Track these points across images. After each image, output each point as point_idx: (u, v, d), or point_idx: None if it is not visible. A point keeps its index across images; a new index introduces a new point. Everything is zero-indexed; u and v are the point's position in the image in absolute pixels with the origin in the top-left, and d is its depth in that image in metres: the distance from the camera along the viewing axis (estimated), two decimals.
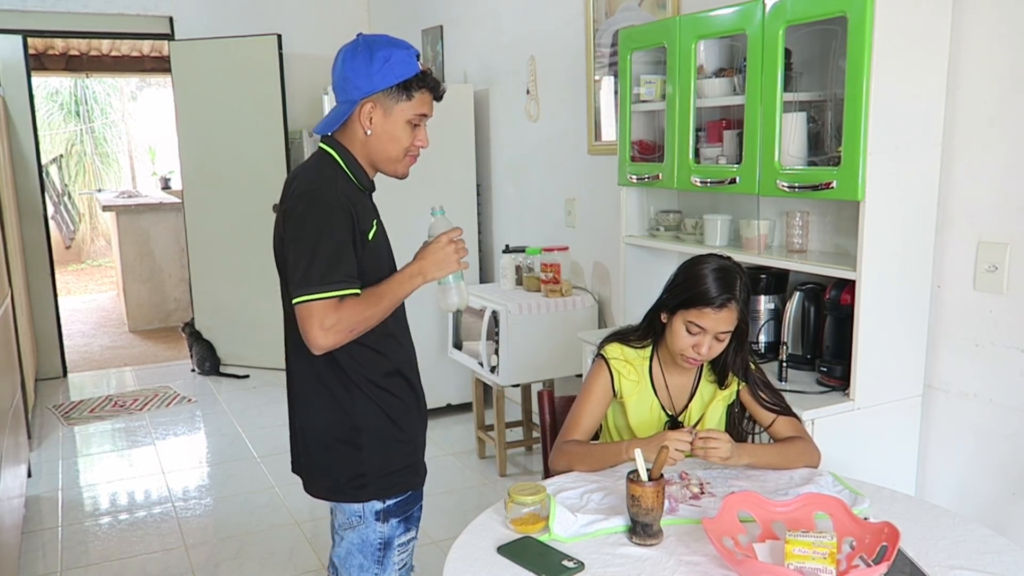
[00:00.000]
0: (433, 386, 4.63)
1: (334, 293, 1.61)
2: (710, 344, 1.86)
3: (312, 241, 1.63)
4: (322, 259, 1.62)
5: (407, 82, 1.72)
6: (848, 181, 2.17)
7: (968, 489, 2.35)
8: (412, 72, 1.73)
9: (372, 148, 1.77)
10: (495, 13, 4.52)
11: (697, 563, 1.48)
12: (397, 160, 1.80)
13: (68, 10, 5.36)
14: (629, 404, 1.99)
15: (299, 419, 1.85)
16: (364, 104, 1.73)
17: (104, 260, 11.23)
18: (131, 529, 3.47)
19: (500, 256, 4.24)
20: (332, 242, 1.64)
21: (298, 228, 1.66)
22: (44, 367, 5.71)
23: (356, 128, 1.76)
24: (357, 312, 1.62)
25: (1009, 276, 2.18)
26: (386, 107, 1.73)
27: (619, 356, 2.00)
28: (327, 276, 1.61)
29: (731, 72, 2.68)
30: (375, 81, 1.70)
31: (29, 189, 5.55)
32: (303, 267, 1.62)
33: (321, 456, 1.81)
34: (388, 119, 1.74)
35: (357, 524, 1.81)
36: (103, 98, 12.47)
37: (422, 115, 1.77)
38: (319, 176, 1.73)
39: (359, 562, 1.83)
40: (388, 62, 1.70)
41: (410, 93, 1.74)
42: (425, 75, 1.76)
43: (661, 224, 3.07)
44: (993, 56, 2.17)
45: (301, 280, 1.61)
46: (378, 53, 1.71)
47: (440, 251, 1.73)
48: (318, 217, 1.65)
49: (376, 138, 1.75)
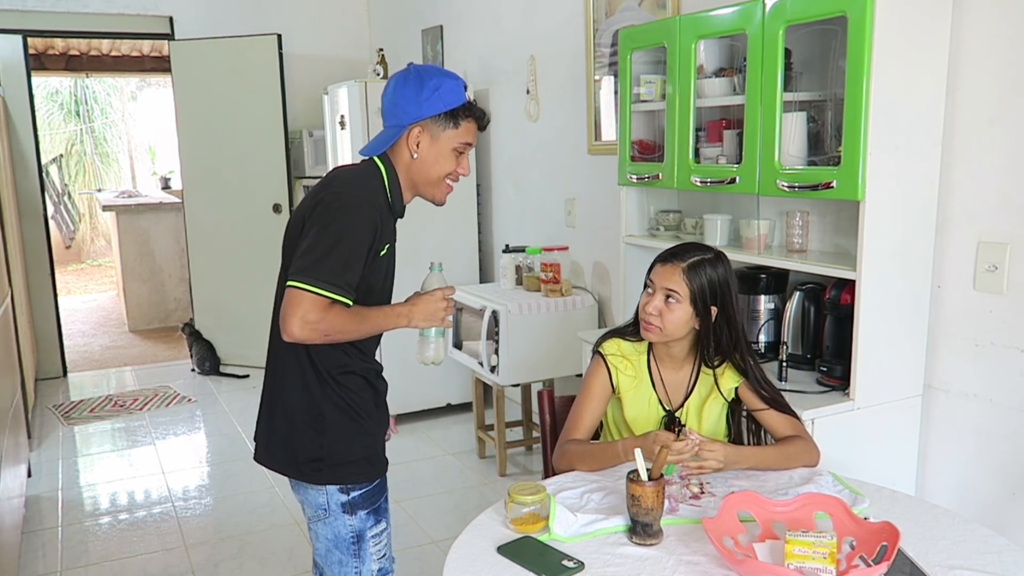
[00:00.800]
0: (433, 386, 4.66)
1: (329, 294, 1.65)
2: (659, 304, 1.91)
3: (333, 238, 1.68)
4: (335, 259, 1.67)
5: (455, 111, 1.81)
6: (848, 181, 2.17)
7: (968, 489, 2.35)
8: (460, 101, 1.81)
9: (416, 171, 1.84)
10: (495, 13, 4.52)
11: (697, 563, 1.48)
12: (436, 184, 1.87)
13: (68, 10, 5.36)
14: (626, 399, 2.00)
15: (271, 393, 1.90)
16: (412, 128, 1.81)
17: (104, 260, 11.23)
18: (131, 529, 3.47)
19: (500, 256, 4.24)
20: (349, 248, 1.69)
21: (326, 220, 1.70)
22: (44, 367, 5.71)
23: (403, 151, 1.83)
24: (339, 322, 1.68)
25: (1009, 276, 2.18)
26: (433, 133, 1.81)
27: (616, 352, 2.01)
28: (331, 276, 1.65)
29: (731, 72, 2.68)
30: (424, 108, 1.79)
31: (29, 189, 5.55)
32: (314, 257, 1.66)
33: (286, 431, 1.86)
34: (434, 145, 1.82)
35: (324, 516, 1.86)
36: (103, 98, 12.48)
37: (467, 144, 1.85)
38: (366, 185, 1.79)
39: (338, 558, 1.87)
40: (438, 91, 1.79)
41: (457, 121, 1.82)
42: (472, 105, 1.84)
43: (661, 224, 3.07)
44: (993, 56, 2.17)
45: (307, 268, 1.65)
46: (429, 82, 1.79)
47: (432, 303, 1.82)
48: (350, 219, 1.70)
49: (421, 161, 1.83)
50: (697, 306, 1.90)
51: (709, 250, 1.96)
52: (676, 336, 1.94)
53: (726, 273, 1.93)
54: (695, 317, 1.91)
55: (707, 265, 1.91)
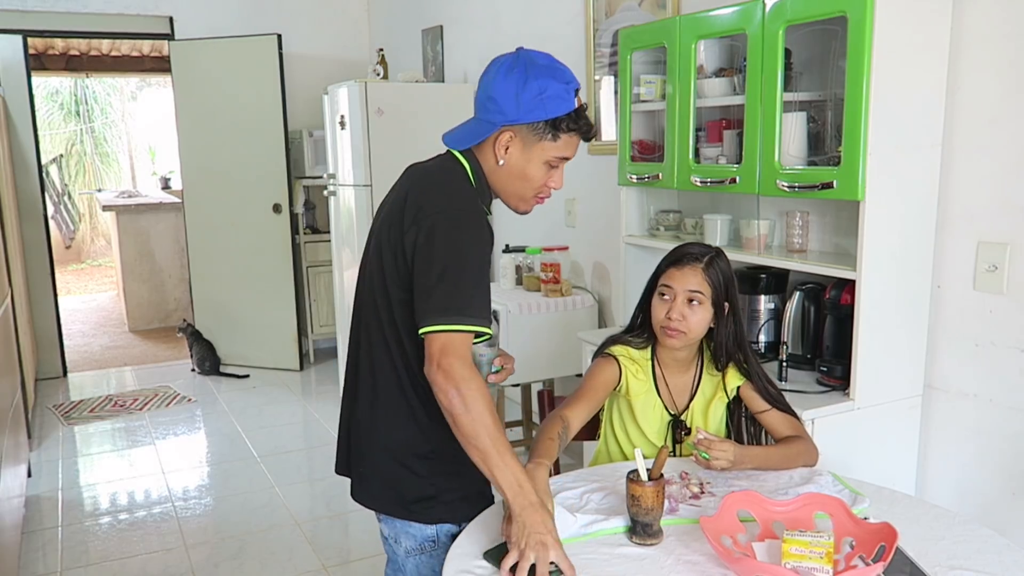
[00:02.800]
0: None
1: (472, 327, 1.47)
2: (683, 308, 1.89)
3: (458, 265, 1.48)
4: (465, 286, 1.48)
5: (557, 120, 1.56)
6: (848, 181, 2.17)
7: (968, 489, 2.35)
8: (565, 110, 1.57)
9: (500, 179, 1.63)
10: (495, 13, 4.52)
11: (696, 562, 1.48)
12: (523, 199, 1.67)
13: (68, 10, 5.36)
14: (636, 404, 1.99)
15: (368, 423, 1.70)
16: (504, 131, 1.58)
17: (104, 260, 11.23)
18: (131, 529, 3.47)
19: (500, 256, 4.23)
20: (476, 270, 1.51)
21: (443, 245, 1.50)
22: (44, 367, 5.71)
23: (488, 153, 1.61)
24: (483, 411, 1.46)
25: (1009, 276, 2.18)
26: (526, 141, 1.58)
27: (627, 355, 2.01)
28: (470, 308, 1.47)
29: (731, 72, 2.68)
30: (523, 112, 1.55)
31: (29, 189, 5.55)
32: (445, 292, 1.46)
33: (390, 469, 1.67)
34: (525, 155, 1.59)
35: (431, 549, 1.70)
36: (103, 98, 12.48)
37: (564, 158, 1.62)
38: (461, 191, 1.59)
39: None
40: (542, 95, 1.54)
41: (557, 133, 1.58)
42: (579, 115, 1.59)
43: (661, 224, 3.07)
44: (993, 56, 2.17)
45: (444, 308, 1.46)
46: (533, 82, 1.54)
47: (536, 535, 1.42)
48: (469, 238, 1.52)
49: (507, 171, 1.61)
50: (717, 304, 1.91)
51: (709, 247, 1.97)
52: (698, 337, 1.94)
53: (730, 267, 1.95)
54: (713, 316, 1.92)
55: (718, 261, 1.93)
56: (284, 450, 4.34)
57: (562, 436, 1.84)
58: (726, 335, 1.94)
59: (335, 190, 4.71)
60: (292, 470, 4.08)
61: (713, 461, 1.74)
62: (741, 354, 1.95)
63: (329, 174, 4.76)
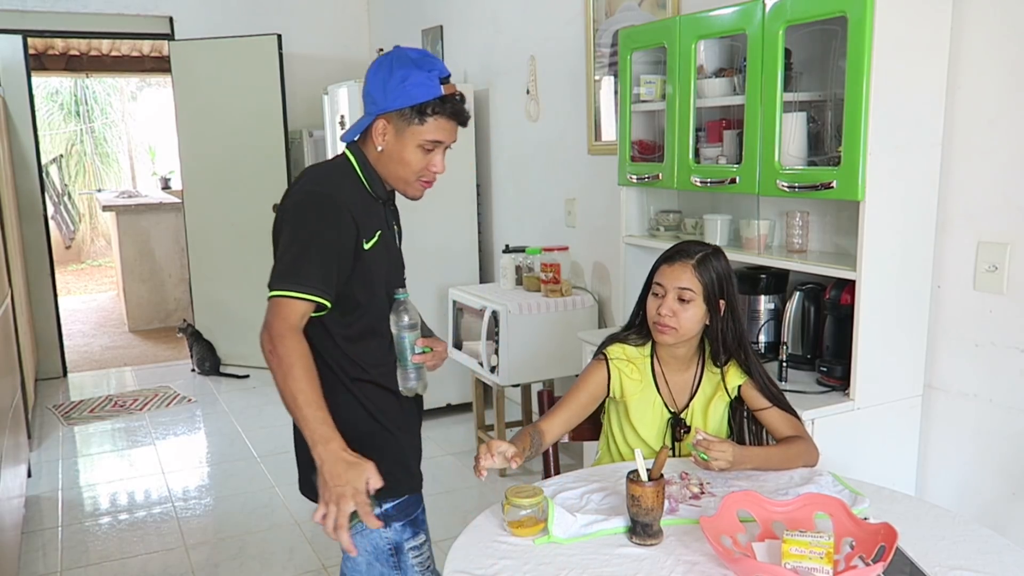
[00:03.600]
0: (433, 386, 4.61)
1: (306, 295, 1.60)
2: (673, 305, 1.90)
3: (304, 239, 1.62)
4: (308, 259, 1.61)
5: (422, 106, 1.68)
6: (848, 181, 2.17)
7: (968, 489, 2.35)
8: (428, 96, 1.68)
9: (383, 165, 1.75)
10: (495, 13, 4.52)
11: (696, 562, 1.48)
12: (407, 183, 1.77)
13: (68, 10, 5.36)
14: (632, 403, 1.99)
15: None
16: (379, 120, 1.72)
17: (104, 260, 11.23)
18: (131, 529, 3.47)
19: (500, 256, 4.24)
20: (321, 247, 1.63)
21: (295, 221, 1.66)
22: (44, 367, 5.71)
23: (369, 142, 1.75)
24: (297, 363, 1.56)
25: (1009, 276, 2.18)
26: (398, 127, 1.71)
27: (621, 356, 2.01)
28: (306, 277, 1.60)
29: (731, 72, 2.68)
30: (388, 100, 1.69)
31: (29, 189, 5.55)
32: (287, 262, 1.62)
33: (306, 454, 1.71)
34: (399, 140, 1.72)
35: (362, 529, 1.76)
36: (103, 98, 12.48)
37: (436, 141, 1.72)
38: (334, 179, 1.73)
39: (379, 571, 1.81)
40: (404, 82, 1.67)
41: (423, 118, 1.69)
42: (444, 101, 1.70)
43: (661, 224, 3.07)
44: (993, 56, 2.17)
45: (282, 273, 1.61)
46: (398, 71, 1.68)
47: (338, 487, 1.54)
48: (317, 217, 1.64)
49: (387, 156, 1.73)
50: (710, 301, 1.91)
51: (707, 245, 1.98)
52: (690, 335, 1.94)
53: (728, 266, 1.96)
54: (707, 314, 1.93)
55: (712, 259, 1.93)
56: (284, 450, 4.33)
57: (533, 442, 1.85)
58: (724, 333, 1.95)
59: None
60: (292, 470, 4.03)
61: (712, 462, 1.74)
62: (742, 352, 1.96)
63: None
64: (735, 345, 1.96)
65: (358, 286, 1.70)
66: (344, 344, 1.74)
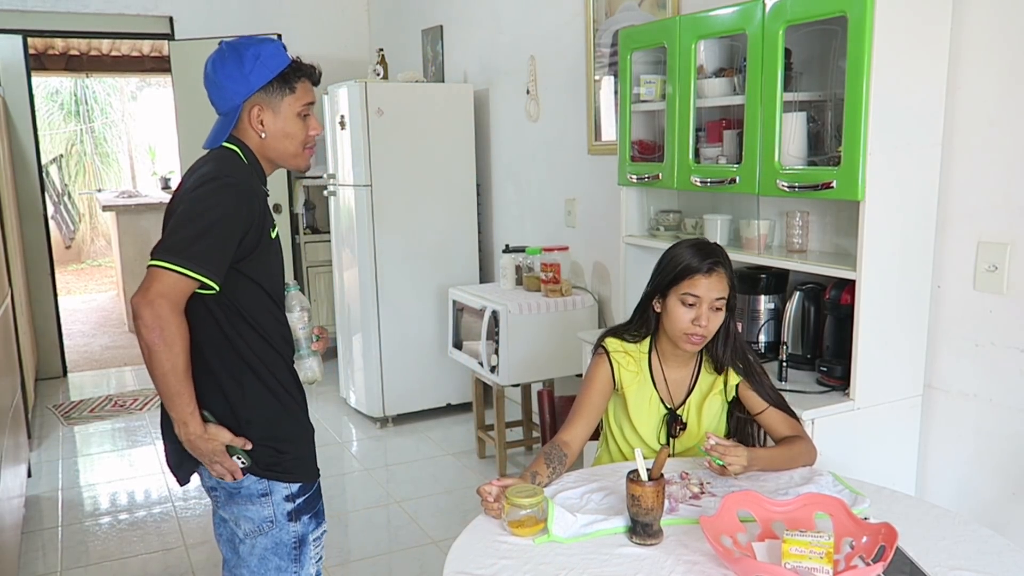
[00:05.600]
0: (433, 386, 4.66)
1: (193, 273, 1.55)
2: (708, 315, 1.88)
3: (206, 220, 1.58)
4: (204, 239, 1.57)
5: (285, 74, 1.72)
6: (848, 181, 2.17)
7: (968, 489, 2.35)
8: (285, 63, 1.73)
9: (270, 148, 1.76)
10: (495, 13, 4.52)
11: (696, 562, 1.48)
12: (295, 155, 1.80)
13: (68, 10, 5.36)
14: (629, 395, 2.00)
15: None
16: (251, 108, 1.72)
17: (104, 260, 11.23)
18: (131, 529, 3.47)
19: (500, 256, 4.24)
20: (221, 230, 1.60)
21: (197, 201, 1.61)
22: (44, 367, 5.71)
23: (248, 133, 1.74)
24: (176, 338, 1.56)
25: (1009, 276, 2.18)
26: (273, 106, 1.73)
27: (619, 348, 2.02)
28: (198, 256, 1.56)
29: (731, 72, 2.68)
30: (252, 81, 1.69)
31: (29, 189, 5.55)
32: (181, 237, 1.57)
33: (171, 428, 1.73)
34: (277, 117, 1.74)
35: (269, 529, 1.79)
36: (103, 98, 12.48)
37: (308, 103, 1.77)
38: (233, 167, 1.70)
39: (276, 564, 1.81)
40: (259, 59, 1.69)
41: (291, 85, 1.73)
42: (299, 64, 1.76)
43: (661, 224, 3.07)
44: (993, 56, 2.17)
45: (171, 247, 1.56)
46: (246, 52, 1.70)
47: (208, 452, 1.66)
48: (223, 201, 1.61)
49: (272, 138, 1.75)
50: (731, 305, 1.93)
51: (714, 245, 1.97)
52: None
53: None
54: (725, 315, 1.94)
55: (729, 262, 1.94)
56: None
57: (552, 460, 1.84)
58: (725, 333, 1.95)
59: (335, 190, 4.71)
60: None
61: (728, 467, 1.73)
62: (739, 353, 1.96)
63: (329, 174, 4.77)
64: (736, 345, 1.96)
65: (263, 274, 1.70)
66: (251, 330, 1.72)
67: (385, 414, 4.52)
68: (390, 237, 4.39)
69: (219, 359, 1.71)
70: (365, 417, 4.65)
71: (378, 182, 4.31)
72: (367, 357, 4.48)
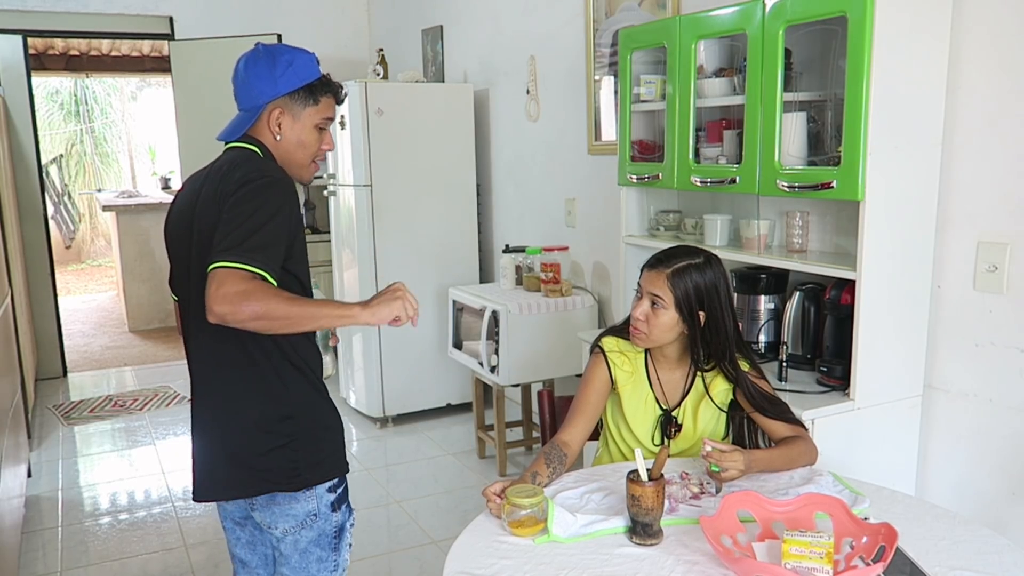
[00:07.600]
0: (433, 386, 4.66)
1: (258, 270, 1.50)
2: (646, 311, 1.92)
3: (263, 217, 1.55)
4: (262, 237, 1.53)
5: (312, 86, 1.75)
6: (848, 181, 2.17)
7: (968, 489, 2.35)
8: (315, 76, 1.76)
9: (282, 153, 1.77)
10: (495, 13, 4.52)
11: (696, 562, 1.48)
12: (304, 166, 1.81)
13: (68, 10, 5.36)
14: (624, 394, 2.00)
15: (223, 412, 1.77)
16: (272, 110, 1.73)
17: (104, 260, 11.23)
18: (131, 529, 3.47)
19: (500, 256, 4.24)
20: (277, 228, 1.57)
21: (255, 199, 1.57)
22: (44, 367, 5.71)
23: (265, 133, 1.76)
24: (273, 303, 1.47)
25: (1009, 276, 2.18)
26: (294, 112, 1.75)
27: (615, 348, 2.03)
28: (261, 255, 1.51)
29: (731, 72, 2.68)
30: (280, 85, 1.72)
31: (29, 189, 5.55)
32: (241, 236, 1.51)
33: (253, 451, 1.73)
34: (296, 124, 1.75)
35: (313, 522, 1.78)
36: (103, 98, 12.47)
37: (328, 119, 1.79)
38: (266, 165, 1.69)
39: (317, 555, 1.82)
40: (291, 66, 1.72)
41: (316, 97, 1.76)
42: (328, 80, 1.78)
43: (661, 224, 3.07)
44: (993, 56, 2.17)
45: (233, 248, 1.49)
46: (281, 57, 1.72)
47: (390, 298, 1.64)
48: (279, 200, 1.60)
49: (286, 142, 1.76)
50: (683, 312, 1.90)
51: (699, 254, 1.95)
52: (662, 341, 1.95)
53: (715, 278, 1.92)
54: (682, 322, 1.92)
55: (693, 271, 1.91)
56: None
57: (552, 460, 1.85)
58: (708, 343, 1.94)
59: (335, 190, 4.71)
60: None
61: (724, 473, 1.72)
62: (728, 363, 1.94)
63: (329, 174, 4.76)
64: (720, 355, 1.94)
65: (302, 270, 1.71)
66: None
67: (385, 414, 4.53)
68: (390, 237, 4.39)
69: (263, 353, 1.69)
70: (365, 417, 4.65)
71: (378, 182, 4.31)
72: (367, 357, 4.48)
